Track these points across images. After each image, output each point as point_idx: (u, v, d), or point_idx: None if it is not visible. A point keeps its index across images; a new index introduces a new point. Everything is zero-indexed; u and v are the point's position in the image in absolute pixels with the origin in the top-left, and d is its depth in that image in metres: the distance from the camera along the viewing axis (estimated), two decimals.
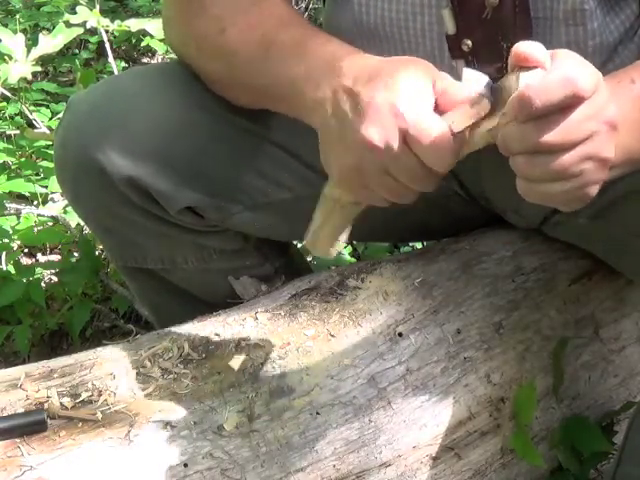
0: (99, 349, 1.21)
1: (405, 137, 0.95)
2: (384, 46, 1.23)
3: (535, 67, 0.89)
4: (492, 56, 1.17)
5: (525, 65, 0.89)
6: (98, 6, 2.36)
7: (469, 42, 1.17)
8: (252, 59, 1.16)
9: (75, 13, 2.30)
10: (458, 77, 1.18)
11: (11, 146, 2.43)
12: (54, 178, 2.04)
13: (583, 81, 0.88)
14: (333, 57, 1.06)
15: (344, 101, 0.99)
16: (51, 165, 2.14)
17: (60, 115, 2.47)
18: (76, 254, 2.14)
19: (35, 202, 2.28)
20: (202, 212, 1.30)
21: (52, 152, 1.42)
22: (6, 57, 2.09)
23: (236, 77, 1.20)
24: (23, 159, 2.41)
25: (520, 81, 0.89)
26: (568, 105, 0.88)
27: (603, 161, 0.93)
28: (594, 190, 0.94)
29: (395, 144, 0.95)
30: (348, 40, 1.28)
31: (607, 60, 1.19)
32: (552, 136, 0.88)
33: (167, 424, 1.09)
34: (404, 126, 0.94)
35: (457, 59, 1.18)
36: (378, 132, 0.95)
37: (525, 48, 0.89)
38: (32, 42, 2.14)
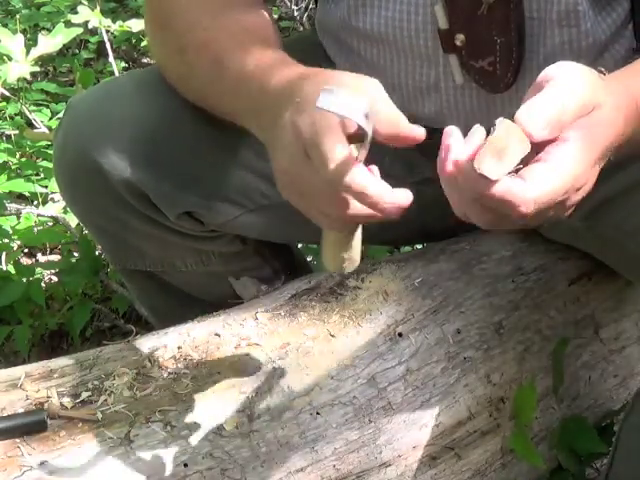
0: (99, 349, 1.21)
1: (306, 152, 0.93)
2: (375, 47, 1.23)
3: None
4: (485, 51, 1.17)
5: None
6: (99, 6, 2.36)
7: (462, 37, 1.16)
8: (203, 81, 1.16)
9: (76, 13, 2.30)
10: (451, 73, 1.19)
11: (11, 146, 2.43)
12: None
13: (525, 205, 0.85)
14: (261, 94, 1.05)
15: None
16: (51, 165, 2.13)
17: (60, 115, 2.47)
18: (76, 254, 2.14)
19: (35, 202, 2.28)
20: (201, 217, 1.30)
21: (52, 152, 1.42)
22: (5, 57, 2.09)
23: (192, 96, 1.21)
24: (23, 159, 2.42)
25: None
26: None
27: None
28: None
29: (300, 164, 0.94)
30: (339, 41, 1.28)
31: (597, 57, 1.19)
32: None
33: (167, 424, 1.09)
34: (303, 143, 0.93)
35: (450, 53, 1.19)
36: (286, 157, 0.95)
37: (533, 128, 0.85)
38: (32, 42, 2.14)
